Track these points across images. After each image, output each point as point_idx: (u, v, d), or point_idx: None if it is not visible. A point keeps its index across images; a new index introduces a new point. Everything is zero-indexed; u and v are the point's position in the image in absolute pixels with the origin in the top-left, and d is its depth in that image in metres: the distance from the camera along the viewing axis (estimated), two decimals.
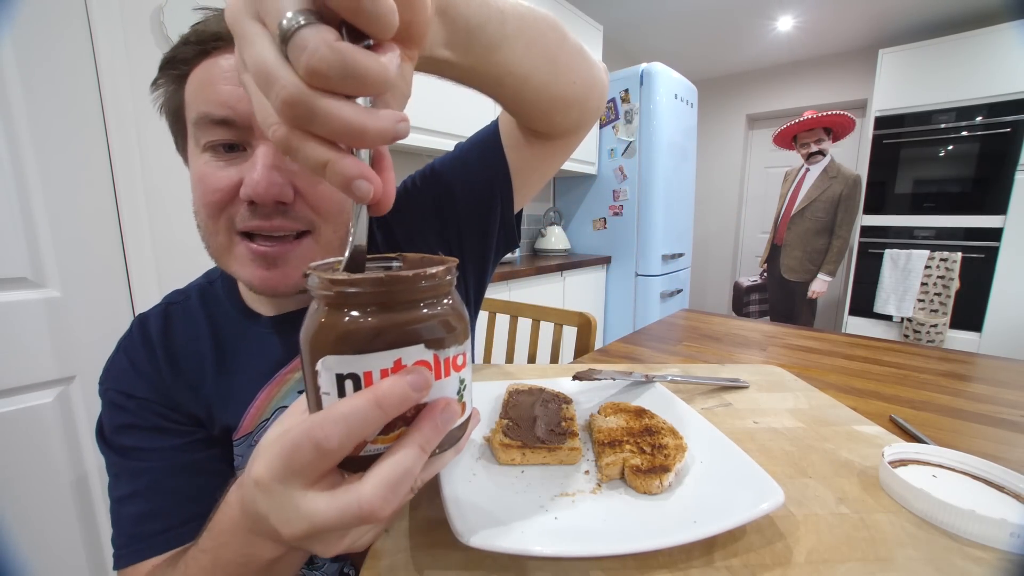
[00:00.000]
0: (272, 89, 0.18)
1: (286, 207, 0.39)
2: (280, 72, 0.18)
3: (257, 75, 0.18)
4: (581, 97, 0.43)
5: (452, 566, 0.28)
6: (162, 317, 0.48)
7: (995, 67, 2.45)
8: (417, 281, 0.21)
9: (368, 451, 0.21)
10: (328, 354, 0.20)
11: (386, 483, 0.20)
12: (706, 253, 4.26)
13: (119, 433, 0.43)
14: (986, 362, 0.78)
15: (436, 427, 0.22)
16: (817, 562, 0.29)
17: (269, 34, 0.18)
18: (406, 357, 0.21)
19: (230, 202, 0.39)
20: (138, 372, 0.45)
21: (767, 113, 3.84)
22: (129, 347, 0.47)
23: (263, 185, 0.36)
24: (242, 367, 0.47)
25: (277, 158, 0.38)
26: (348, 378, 0.20)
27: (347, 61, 0.17)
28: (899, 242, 2.81)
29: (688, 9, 2.76)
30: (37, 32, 0.85)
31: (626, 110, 2.48)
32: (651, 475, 0.33)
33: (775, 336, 0.94)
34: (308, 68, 0.17)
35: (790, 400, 0.55)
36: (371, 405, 0.19)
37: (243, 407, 0.46)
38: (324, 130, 0.18)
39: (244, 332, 0.48)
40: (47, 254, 0.89)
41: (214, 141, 0.38)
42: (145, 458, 0.43)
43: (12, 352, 0.85)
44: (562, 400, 0.46)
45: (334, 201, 0.41)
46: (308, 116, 0.18)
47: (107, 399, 0.45)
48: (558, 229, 2.67)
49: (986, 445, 0.49)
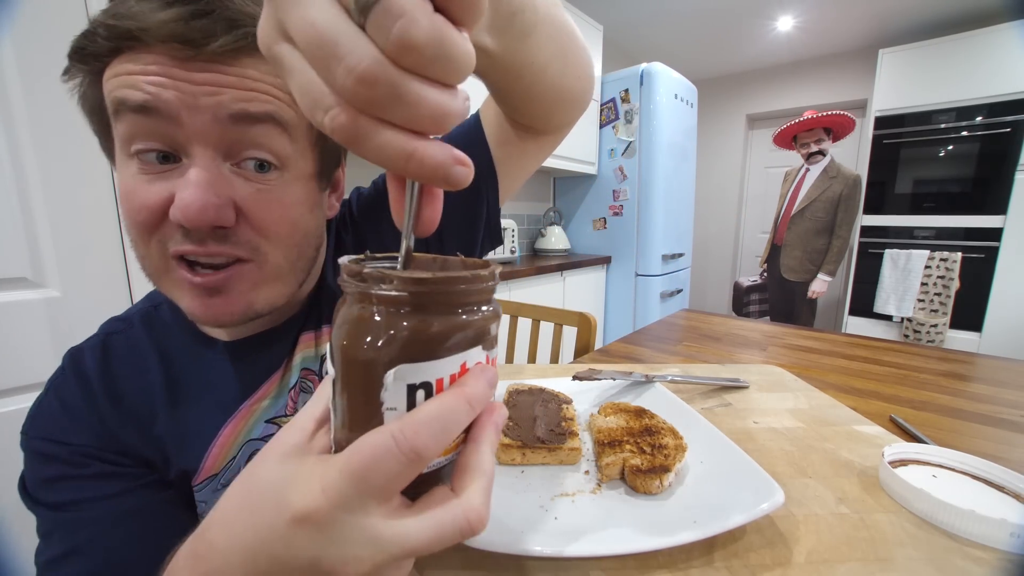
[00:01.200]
0: (341, 62, 0.14)
1: (226, 231, 0.33)
2: (355, 41, 0.14)
3: (314, 42, 0.14)
4: (582, 93, 0.42)
5: (452, 566, 0.28)
6: (100, 349, 0.42)
7: (995, 67, 2.45)
8: (486, 281, 0.20)
9: (431, 465, 0.20)
10: (403, 363, 0.18)
11: (485, 491, 0.19)
12: (706, 253, 4.26)
13: (49, 488, 0.37)
14: (986, 362, 0.78)
15: (497, 428, 0.21)
16: (817, 562, 0.29)
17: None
18: (469, 360, 0.20)
19: (160, 222, 0.33)
20: (72, 416, 0.39)
21: (767, 113, 3.84)
22: (61, 387, 0.40)
23: (195, 208, 0.31)
24: (198, 400, 0.42)
25: (214, 173, 0.32)
26: (421, 388, 0.18)
27: (445, 38, 0.14)
28: (899, 242, 2.81)
29: (688, 9, 2.76)
30: (37, 32, 0.85)
31: (626, 110, 2.48)
32: (651, 475, 0.33)
33: (775, 336, 0.94)
34: (401, 40, 0.14)
35: (790, 400, 0.55)
36: (462, 402, 0.18)
37: (204, 446, 0.41)
38: (405, 115, 0.15)
39: (198, 361, 0.42)
40: (47, 254, 0.89)
41: (143, 148, 0.32)
42: (85, 508, 0.36)
43: (12, 352, 0.85)
44: (562, 400, 0.46)
45: (285, 221, 0.36)
46: (390, 98, 0.14)
47: (31, 450, 0.38)
48: (558, 229, 2.67)
49: (986, 445, 0.49)
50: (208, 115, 0.31)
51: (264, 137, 0.33)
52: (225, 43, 0.30)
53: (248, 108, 0.32)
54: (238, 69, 0.31)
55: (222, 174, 0.33)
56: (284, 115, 0.34)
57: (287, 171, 0.36)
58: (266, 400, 0.44)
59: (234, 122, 0.32)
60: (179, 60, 0.30)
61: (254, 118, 0.32)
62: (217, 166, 0.33)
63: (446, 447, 0.19)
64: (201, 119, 0.31)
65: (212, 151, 0.32)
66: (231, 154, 0.33)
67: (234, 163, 0.33)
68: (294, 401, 0.45)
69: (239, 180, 0.34)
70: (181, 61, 0.30)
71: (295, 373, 0.45)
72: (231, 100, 0.31)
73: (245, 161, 0.34)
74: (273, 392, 0.44)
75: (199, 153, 0.32)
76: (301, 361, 0.45)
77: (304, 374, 0.45)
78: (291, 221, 0.37)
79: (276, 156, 0.34)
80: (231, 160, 0.33)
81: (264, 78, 0.32)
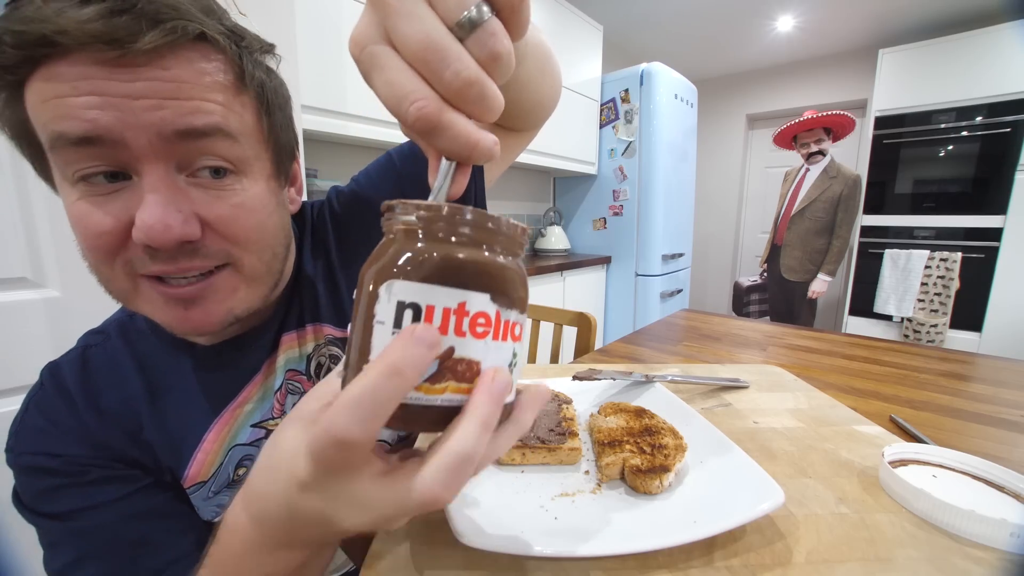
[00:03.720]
0: (450, 66, 0.18)
1: (194, 244, 0.32)
2: (461, 52, 0.19)
3: (427, 48, 0.18)
4: (554, 98, 0.45)
5: (452, 566, 0.28)
6: (79, 363, 0.40)
7: (995, 67, 2.45)
8: (501, 224, 0.20)
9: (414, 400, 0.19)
10: (396, 279, 0.19)
11: (446, 468, 0.19)
12: (706, 253, 4.26)
13: (49, 498, 0.36)
14: (986, 362, 0.78)
15: (493, 398, 0.19)
16: (817, 562, 0.29)
17: (434, 15, 0.19)
18: (471, 303, 0.19)
19: (122, 245, 0.31)
20: (60, 429, 0.38)
21: (767, 113, 3.84)
22: (43, 403, 0.39)
23: (159, 227, 0.29)
24: (180, 407, 0.41)
25: (171, 187, 0.31)
26: (409, 307, 0.19)
27: (510, 51, 0.20)
28: (899, 242, 2.81)
29: (688, 9, 2.76)
30: None
31: (626, 110, 2.48)
32: (651, 475, 0.33)
33: (775, 336, 0.94)
34: (494, 54, 0.19)
35: (790, 400, 0.55)
36: (384, 377, 0.17)
37: (188, 453, 0.41)
38: (481, 108, 0.20)
39: (177, 367, 0.42)
40: (47, 254, 0.89)
41: (88, 172, 0.30)
42: (91, 516, 0.36)
43: (12, 352, 0.85)
44: (562, 400, 0.46)
45: (252, 225, 0.35)
46: (478, 96, 0.19)
47: (22, 465, 0.37)
48: (558, 229, 2.67)
49: (986, 445, 0.49)
50: (153, 132, 0.29)
51: (214, 147, 0.32)
52: (154, 39, 0.28)
53: (193, 123, 0.30)
54: (173, 73, 0.29)
55: (179, 187, 0.32)
56: (230, 125, 0.32)
57: (244, 175, 0.35)
58: (249, 404, 0.43)
59: (181, 138, 0.30)
60: (108, 67, 0.28)
61: (201, 132, 0.31)
62: (172, 179, 0.31)
63: (383, 423, 0.18)
64: (147, 138, 0.29)
65: (163, 165, 0.31)
66: (183, 165, 0.32)
67: (188, 173, 0.32)
68: (281, 404, 0.44)
69: (197, 191, 0.32)
70: (110, 69, 0.28)
71: (280, 375, 0.44)
72: (174, 115, 0.30)
73: (200, 170, 0.32)
74: (256, 396, 0.43)
75: (150, 170, 0.30)
76: (285, 363, 0.45)
77: (290, 376, 0.45)
78: (258, 224, 0.36)
79: (230, 161, 0.33)
80: (185, 171, 0.32)
81: (197, 80, 0.31)
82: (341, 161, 1.75)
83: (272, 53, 0.37)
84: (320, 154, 1.66)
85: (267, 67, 0.37)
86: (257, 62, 0.35)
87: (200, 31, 0.30)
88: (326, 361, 0.47)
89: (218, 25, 0.32)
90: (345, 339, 0.48)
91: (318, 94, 1.33)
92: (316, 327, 0.47)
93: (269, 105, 0.36)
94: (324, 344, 0.47)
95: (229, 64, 0.33)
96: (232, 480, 0.43)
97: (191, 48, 0.31)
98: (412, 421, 0.20)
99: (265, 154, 0.37)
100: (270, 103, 0.36)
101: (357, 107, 1.43)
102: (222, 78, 0.32)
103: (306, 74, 1.18)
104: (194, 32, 0.30)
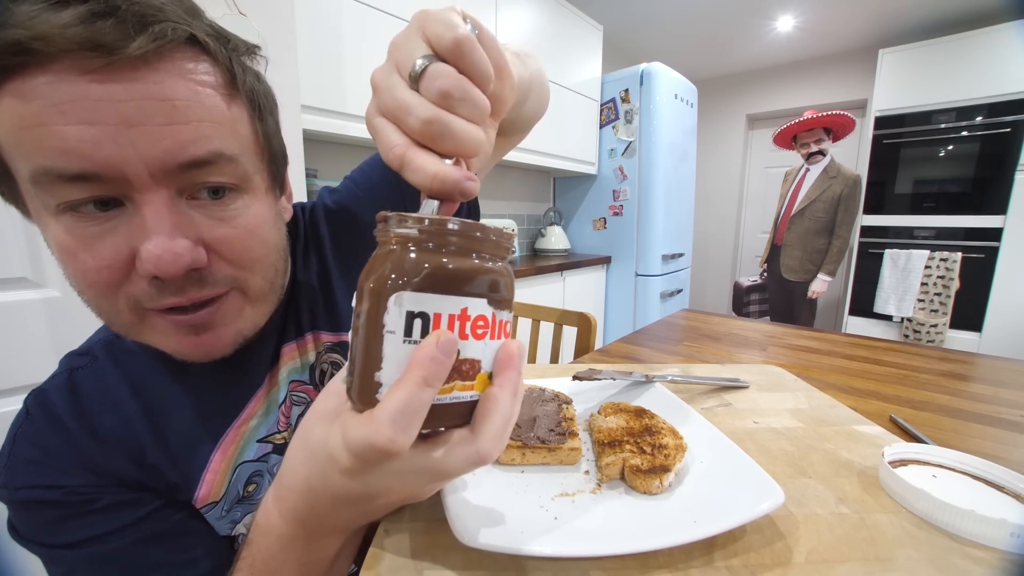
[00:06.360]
0: (411, 114, 0.21)
1: (201, 272, 0.32)
2: (418, 101, 0.22)
3: (396, 108, 0.22)
4: (541, 112, 0.45)
5: (452, 566, 0.28)
6: (67, 389, 0.38)
7: (995, 67, 2.45)
8: (490, 233, 0.22)
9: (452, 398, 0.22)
10: (404, 290, 0.20)
11: (499, 432, 0.23)
12: (706, 253, 4.26)
13: (56, 529, 0.34)
14: (986, 362, 0.78)
15: (519, 373, 0.24)
16: (817, 562, 0.29)
17: (403, 81, 0.22)
18: (471, 308, 0.22)
19: (124, 279, 0.30)
20: (56, 459, 0.35)
21: (767, 113, 3.84)
22: (32, 433, 0.36)
23: (168, 257, 0.28)
24: (182, 429, 0.39)
25: (174, 213, 0.30)
26: (418, 317, 0.21)
27: (466, 86, 0.22)
28: (899, 242, 2.81)
29: (688, 9, 2.76)
30: None
31: (626, 110, 2.48)
32: (651, 475, 0.33)
33: (775, 336, 0.94)
34: (442, 89, 0.21)
35: (790, 400, 0.55)
36: (419, 388, 0.20)
37: (196, 476, 0.39)
38: (451, 143, 0.22)
39: (173, 387, 0.40)
40: (47, 254, 0.89)
41: (74, 201, 0.28)
42: (107, 540, 0.35)
43: (12, 352, 0.85)
44: (562, 400, 0.46)
45: (256, 245, 0.35)
46: (442, 131, 0.21)
47: (15, 501, 0.35)
48: (558, 229, 2.67)
49: (986, 445, 0.49)
50: (155, 167, 0.28)
51: (215, 172, 0.31)
52: (143, 45, 0.26)
53: (196, 153, 0.29)
54: (165, 87, 0.28)
55: (181, 211, 0.30)
56: (230, 148, 0.32)
57: (245, 192, 0.34)
58: (253, 420, 0.42)
59: (183, 170, 0.30)
60: (93, 79, 0.26)
61: (203, 161, 0.30)
62: (174, 204, 0.30)
63: (417, 428, 0.21)
64: (148, 171, 0.28)
65: (165, 191, 0.30)
66: (183, 190, 0.31)
67: (188, 196, 0.31)
68: (286, 416, 0.43)
69: (198, 213, 0.31)
70: (97, 82, 0.26)
71: (283, 388, 0.43)
72: (175, 146, 0.28)
73: (200, 190, 0.32)
74: (260, 411, 0.42)
75: (150, 199, 0.29)
76: (288, 374, 0.44)
77: (294, 387, 0.44)
78: (262, 243, 0.35)
79: (230, 180, 0.33)
80: (185, 195, 0.31)
81: (192, 97, 0.29)
82: (341, 161, 1.75)
83: (256, 55, 0.36)
84: (320, 154, 1.66)
85: (255, 71, 0.36)
86: (245, 66, 0.34)
87: (189, 33, 0.29)
88: (328, 368, 0.46)
89: (205, 27, 0.31)
90: (340, 343, 0.47)
91: (318, 94, 1.33)
92: (315, 335, 0.46)
93: (261, 110, 0.35)
94: (324, 351, 0.46)
95: (219, 68, 0.32)
96: (242, 496, 0.42)
97: (181, 53, 0.29)
98: (429, 421, 0.22)
99: (261, 165, 0.36)
100: (262, 108, 0.35)
101: (357, 107, 1.43)
102: (213, 83, 0.31)
103: (306, 74, 1.18)
104: (184, 35, 0.29)
